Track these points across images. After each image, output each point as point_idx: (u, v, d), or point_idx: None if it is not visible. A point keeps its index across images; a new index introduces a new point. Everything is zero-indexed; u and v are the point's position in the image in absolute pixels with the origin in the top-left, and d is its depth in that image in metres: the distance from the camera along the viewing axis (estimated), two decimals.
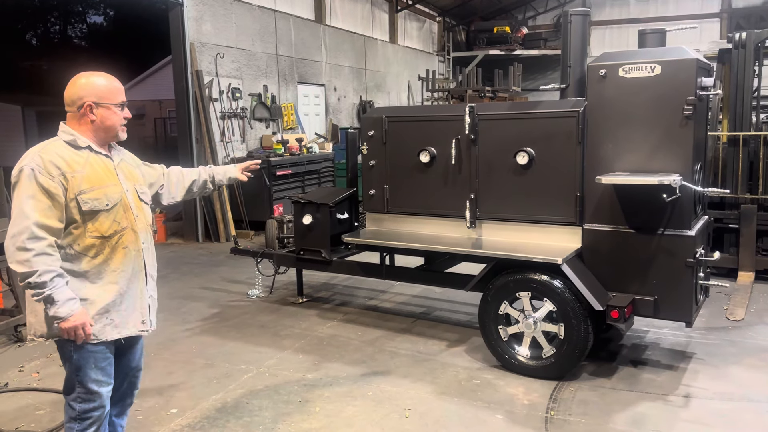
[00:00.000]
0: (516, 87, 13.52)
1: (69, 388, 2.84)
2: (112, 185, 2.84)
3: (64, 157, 2.72)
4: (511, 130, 4.89)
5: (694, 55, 4.23)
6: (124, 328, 2.86)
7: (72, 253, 2.74)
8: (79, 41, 34.78)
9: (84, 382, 2.80)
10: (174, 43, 9.71)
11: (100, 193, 2.77)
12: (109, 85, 2.87)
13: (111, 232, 2.80)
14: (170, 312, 6.26)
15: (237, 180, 3.54)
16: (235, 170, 3.53)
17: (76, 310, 2.65)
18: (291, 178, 10.70)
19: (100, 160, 2.84)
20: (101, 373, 2.83)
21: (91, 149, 2.82)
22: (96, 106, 2.81)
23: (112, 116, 2.85)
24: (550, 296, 4.40)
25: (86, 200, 2.73)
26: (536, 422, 3.90)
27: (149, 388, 4.47)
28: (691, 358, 4.84)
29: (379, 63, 16.12)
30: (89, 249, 2.76)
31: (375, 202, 5.64)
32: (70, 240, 2.74)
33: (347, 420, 3.98)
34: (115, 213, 2.82)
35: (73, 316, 2.64)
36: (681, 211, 4.29)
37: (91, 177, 2.76)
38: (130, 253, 2.87)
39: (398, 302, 6.47)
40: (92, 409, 2.82)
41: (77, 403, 2.81)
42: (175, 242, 9.94)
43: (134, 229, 2.89)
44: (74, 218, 2.72)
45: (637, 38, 4.74)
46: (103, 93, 2.83)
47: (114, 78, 2.93)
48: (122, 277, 2.84)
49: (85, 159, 2.78)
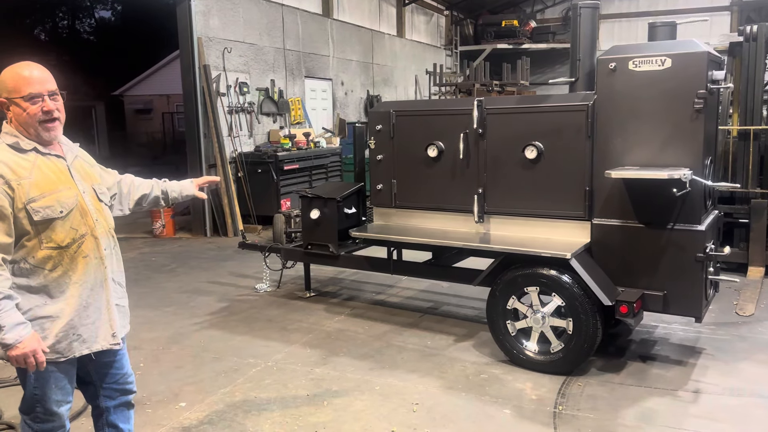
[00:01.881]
0: (524, 81, 13.43)
1: (28, 408, 2.64)
2: (66, 189, 2.56)
3: (8, 164, 2.45)
4: (520, 124, 4.87)
5: (705, 49, 4.19)
6: (94, 343, 2.65)
7: (27, 267, 2.49)
8: (87, 36, 34.89)
9: (43, 402, 2.60)
10: (182, 37, 9.72)
11: (52, 200, 2.50)
12: (17, 76, 2.52)
13: (68, 241, 2.55)
14: (179, 306, 6.28)
15: (194, 197, 3.25)
16: (192, 187, 3.24)
17: (25, 336, 2.39)
18: (298, 173, 10.70)
19: (50, 162, 2.57)
20: (61, 392, 2.64)
21: (37, 151, 2.54)
22: (9, 102, 2.53)
23: (21, 113, 2.52)
24: (559, 291, 4.38)
25: (37, 209, 2.46)
26: (544, 417, 3.90)
27: (158, 381, 4.49)
28: (701, 353, 4.82)
29: (386, 57, 16.08)
30: (45, 262, 2.51)
31: (382, 196, 5.63)
32: (24, 253, 2.48)
33: (355, 414, 3.98)
34: (71, 219, 2.56)
35: (21, 342, 2.38)
36: (691, 205, 4.26)
37: (40, 183, 2.49)
38: (91, 262, 2.61)
39: (406, 297, 6.47)
40: (51, 429, 2.67)
41: (35, 423, 2.64)
42: (184, 236, 9.97)
43: (94, 235, 2.63)
44: (26, 229, 2.47)
45: (647, 31, 4.70)
46: (11, 86, 2.52)
47: (33, 65, 2.57)
48: (84, 289, 2.60)
49: (32, 163, 2.51)
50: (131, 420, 3.02)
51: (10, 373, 4.44)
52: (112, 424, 2.92)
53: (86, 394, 2.93)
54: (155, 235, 9.94)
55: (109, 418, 2.92)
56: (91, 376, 2.84)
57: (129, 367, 2.96)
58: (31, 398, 2.62)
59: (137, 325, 2.97)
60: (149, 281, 7.26)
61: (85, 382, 2.85)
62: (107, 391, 2.88)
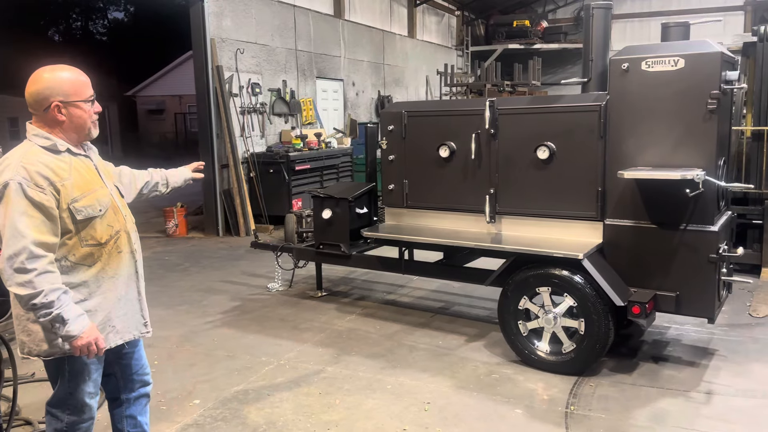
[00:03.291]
0: (536, 81, 13.41)
1: (58, 401, 2.72)
2: (100, 188, 2.69)
3: (50, 166, 2.52)
4: (532, 125, 4.87)
5: (719, 49, 4.17)
6: (126, 333, 2.78)
7: (67, 264, 2.58)
8: (100, 37, 35.19)
9: (77, 395, 2.69)
10: (195, 38, 9.79)
11: (92, 199, 2.62)
12: (75, 80, 2.62)
13: (106, 237, 2.67)
14: (192, 305, 6.34)
15: (192, 179, 3.39)
16: (188, 171, 3.37)
17: (87, 326, 2.52)
18: (310, 173, 10.74)
19: (82, 163, 2.67)
20: (93, 384, 2.74)
21: (70, 152, 2.63)
22: (64, 105, 2.58)
23: (82, 114, 2.64)
24: (571, 291, 4.38)
25: (80, 208, 2.57)
26: (556, 417, 3.90)
27: (172, 379, 4.54)
28: (713, 354, 4.80)
29: (397, 57, 16.10)
30: (86, 258, 2.62)
31: (394, 196, 5.65)
32: (65, 251, 2.58)
33: (367, 412, 4.01)
34: (108, 217, 2.68)
35: (85, 332, 2.51)
36: (704, 206, 4.25)
37: (79, 183, 2.59)
38: (125, 256, 2.76)
39: (417, 297, 6.49)
40: (82, 421, 2.74)
41: (66, 415, 2.71)
42: (196, 236, 10.04)
43: (126, 231, 2.78)
44: (68, 228, 2.56)
45: (661, 31, 4.69)
46: (70, 90, 2.59)
47: (78, 70, 2.69)
48: (120, 282, 2.73)
49: (68, 164, 2.59)
50: (147, 413, 3.10)
51: (26, 370, 4.50)
52: (130, 416, 3.00)
53: (107, 387, 2.99)
54: (168, 235, 10.02)
55: (128, 410, 2.99)
56: (113, 368, 2.91)
57: (146, 359, 3.05)
58: (65, 391, 2.70)
59: (151, 323, 3.01)
60: (162, 280, 7.33)
61: (106, 374, 2.91)
62: (129, 383, 2.96)
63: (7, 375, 3.19)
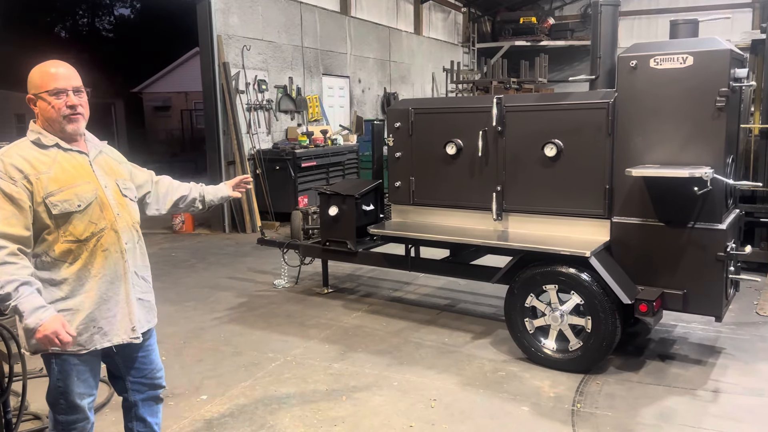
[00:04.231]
0: (542, 78, 13.39)
1: (52, 400, 2.71)
2: (84, 183, 2.62)
3: (28, 159, 2.53)
4: (539, 122, 4.86)
5: (728, 46, 4.15)
6: (114, 336, 2.69)
7: (48, 260, 2.56)
8: (107, 33, 35.26)
9: (66, 395, 2.66)
10: (201, 35, 9.80)
11: (70, 194, 2.56)
12: (43, 72, 2.60)
13: (87, 234, 2.60)
14: (198, 301, 6.36)
15: (230, 198, 3.33)
16: (227, 189, 3.31)
17: (44, 319, 2.40)
18: (316, 170, 10.75)
19: (71, 158, 2.63)
20: (84, 385, 2.69)
21: (59, 147, 2.61)
22: (36, 98, 2.60)
23: (47, 107, 2.59)
24: (578, 289, 4.38)
25: (55, 203, 2.52)
26: (562, 415, 3.90)
27: (179, 375, 4.56)
28: (720, 353, 4.79)
29: (403, 54, 16.08)
30: (66, 255, 2.57)
31: (401, 193, 5.65)
32: (45, 247, 2.56)
33: (374, 409, 4.02)
34: (90, 213, 2.61)
35: (42, 325, 2.39)
36: (712, 204, 4.23)
37: (59, 177, 2.55)
38: (111, 256, 2.65)
39: (423, 294, 6.49)
40: (75, 421, 2.71)
41: (60, 415, 2.70)
42: (203, 232, 10.07)
43: (114, 229, 2.67)
44: (45, 223, 2.54)
45: (669, 28, 4.66)
46: (38, 82, 2.60)
47: (58, 63, 2.65)
48: (104, 282, 2.64)
49: (52, 158, 2.58)
50: (159, 414, 3.06)
51: (35, 365, 4.53)
52: (140, 418, 2.97)
53: (116, 387, 2.98)
54: (175, 231, 10.05)
55: (138, 411, 2.96)
56: (120, 370, 2.89)
57: (159, 362, 3.00)
58: (55, 390, 2.68)
59: (158, 320, 3.01)
60: (169, 276, 7.35)
61: (114, 376, 2.92)
62: (135, 385, 2.93)
63: (17, 370, 3.21)
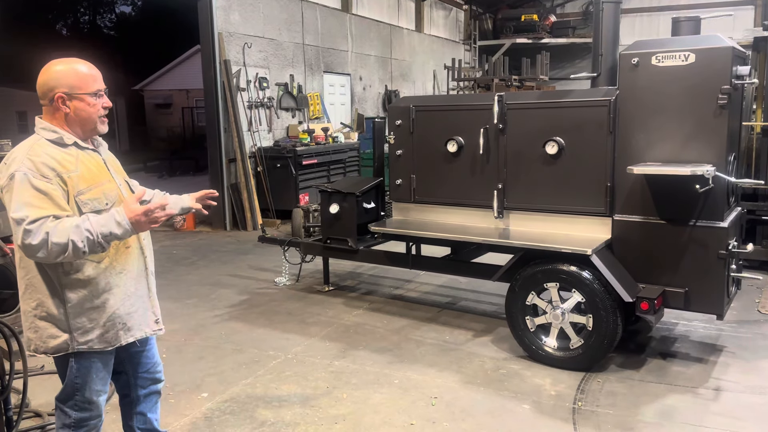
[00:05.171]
0: (543, 76, 13.36)
1: (66, 396, 2.70)
2: (107, 182, 2.65)
3: (56, 157, 2.50)
4: (541, 120, 4.85)
5: (730, 44, 4.14)
6: (138, 330, 2.74)
7: (77, 261, 2.55)
8: (108, 31, 35.27)
9: (84, 391, 2.67)
10: (203, 32, 9.79)
11: (99, 192, 2.58)
12: (81, 72, 2.60)
13: None
14: (200, 298, 6.36)
15: (190, 210, 3.16)
16: (189, 200, 3.16)
17: (123, 217, 2.43)
18: (317, 168, 10.75)
19: (90, 157, 2.64)
20: (101, 382, 2.72)
21: (77, 146, 2.61)
22: (68, 97, 2.56)
23: (86, 108, 2.60)
24: (579, 287, 4.37)
25: (85, 201, 2.53)
26: (563, 413, 3.90)
27: (180, 372, 4.56)
28: (722, 351, 4.78)
29: (404, 52, 16.06)
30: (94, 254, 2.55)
31: (402, 191, 5.65)
32: None
33: (374, 407, 4.01)
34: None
35: (129, 220, 2.43)
36: (714, 202, 4.22)
37: (86, 176, 2.56)
38: (133, 252, 2.71)
39: (424, 292, 6.49)
40: (89, 418, 2.72)
41: (74, 411, 2.69)
42: (204, 230, 10.07)
43: None
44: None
45: (671, 26, 4.65)
46: (75, 82, 2.57)
47: (88, 63, 2.67)
48: (129, 278, 2.69)
49: (75, 157, 2.57)
50: (158, 409, 3.08)
51: (36, 362, 4.54)
52: (140, 413, 2.98)
53: (117, 383, 2.99)
54: (176, 229, 10.05)
55: (139, 407, 2.97)
56: (125, 366, 2.90)
57: (158, 357, 3.03)
58: (72, 387, 2.68)
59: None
60: (170, 273, 7.36)
61: (117, 372, 2.91)
62: (140, 380, 2.94)
63: (18, 367, 3.22)
